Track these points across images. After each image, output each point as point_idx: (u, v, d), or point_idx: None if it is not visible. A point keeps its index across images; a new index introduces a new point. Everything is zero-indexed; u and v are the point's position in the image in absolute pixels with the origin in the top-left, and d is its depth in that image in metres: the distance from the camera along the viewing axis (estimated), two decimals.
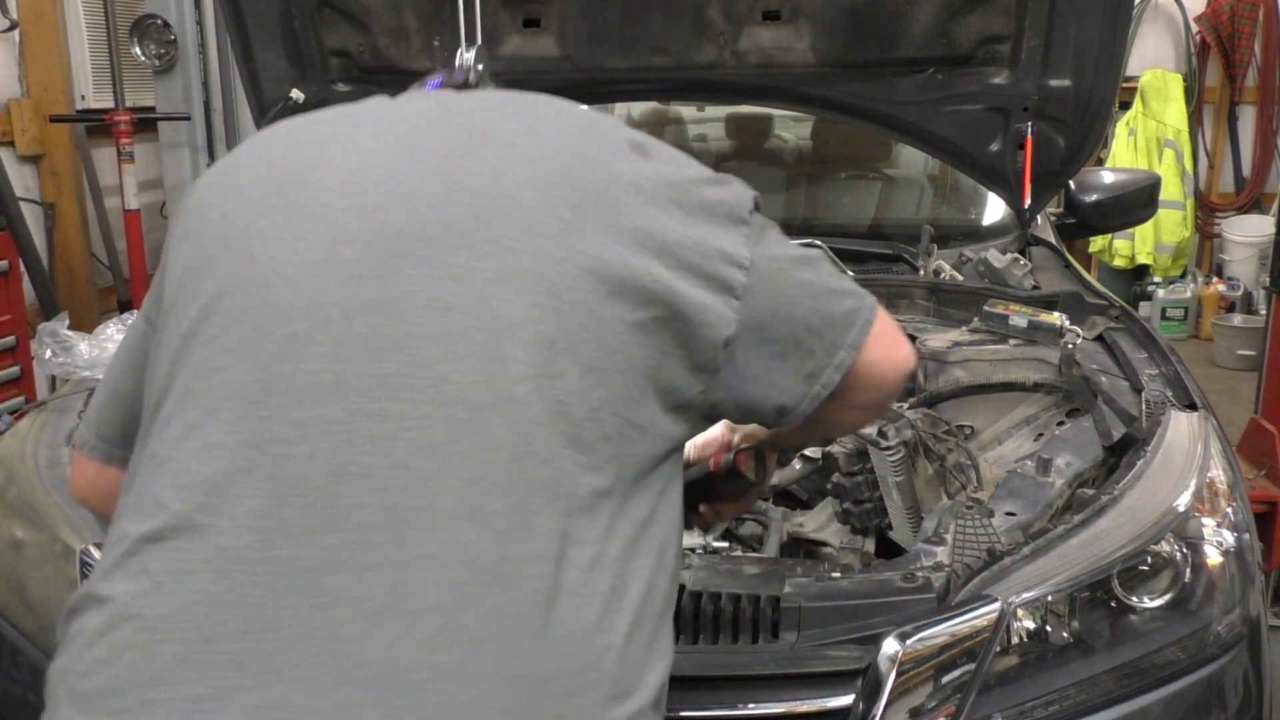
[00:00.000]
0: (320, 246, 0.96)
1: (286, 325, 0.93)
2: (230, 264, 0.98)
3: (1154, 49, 6.86)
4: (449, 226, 0.95)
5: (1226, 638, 1.53)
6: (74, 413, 2.03)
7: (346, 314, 0.92)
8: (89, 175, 5.13)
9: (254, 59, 2.68)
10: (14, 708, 1.69)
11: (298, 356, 0.92)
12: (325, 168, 1.01)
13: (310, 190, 1.00)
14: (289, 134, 1.10)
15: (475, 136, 1.02)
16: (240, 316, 0.95)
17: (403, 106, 1.11)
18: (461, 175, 0.98)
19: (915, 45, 2.47)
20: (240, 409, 0.91)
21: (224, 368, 0.93)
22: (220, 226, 1.01)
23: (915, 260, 2.66)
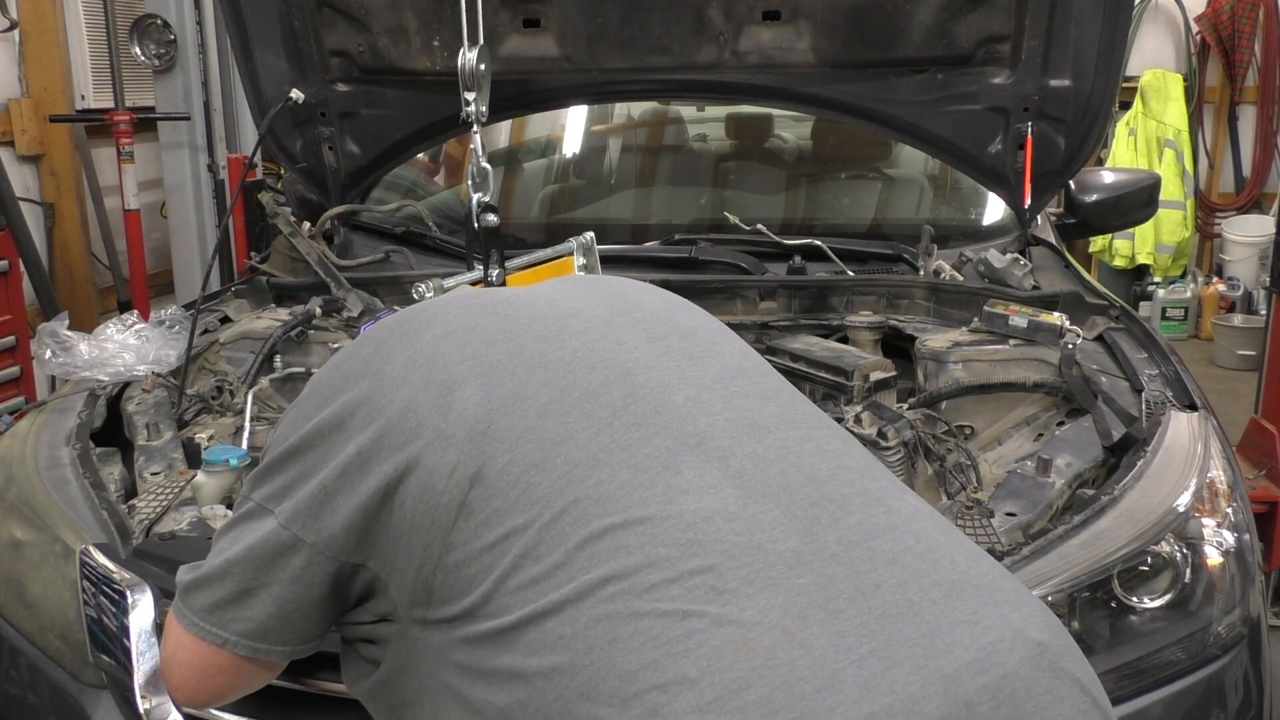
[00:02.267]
0: (644, 343, 1.17)
1: (681, 392, 1.10)
2: (570, 376, 1.09)
3: (1154, 49, 6.86)
4: (709, 331, 1.26)
5: (1226, 638, 1.54)
6: (74, 413, 2.03)
7: (717, 379, 1.15)
8: (89, 175, 5.13)
9: (254, 59, 2.68)
10: (14, 708, 1.69)
11: (712, 411, 1.09)
12: (576, 305, 1.22)
13: (585, 319, 1.18)
14: (485, 298, 1.24)
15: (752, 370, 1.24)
16: (627, 400, 1.08)
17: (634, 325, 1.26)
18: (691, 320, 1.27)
19: (915, 45, 2.47)
20: (693, 458, 1.04)
21: (647, 437, 1.05)
22: (520, 359, 1.11)
23: (915, 260, 2.66)
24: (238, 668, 1.15)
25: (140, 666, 1.51)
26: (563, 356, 1.11)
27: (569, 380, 1.08)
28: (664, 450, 1.04)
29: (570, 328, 1.16)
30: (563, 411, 1.06)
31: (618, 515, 0.99)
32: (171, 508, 1.72)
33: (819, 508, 1.02)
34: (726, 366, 1.17)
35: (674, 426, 1.06)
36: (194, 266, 5.09)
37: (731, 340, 1.25)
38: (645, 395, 1.08)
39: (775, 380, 1.21)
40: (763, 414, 1.11)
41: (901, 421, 1.78)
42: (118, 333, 2.24)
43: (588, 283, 1.33)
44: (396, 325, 1.19)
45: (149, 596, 1.53)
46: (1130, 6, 2.40)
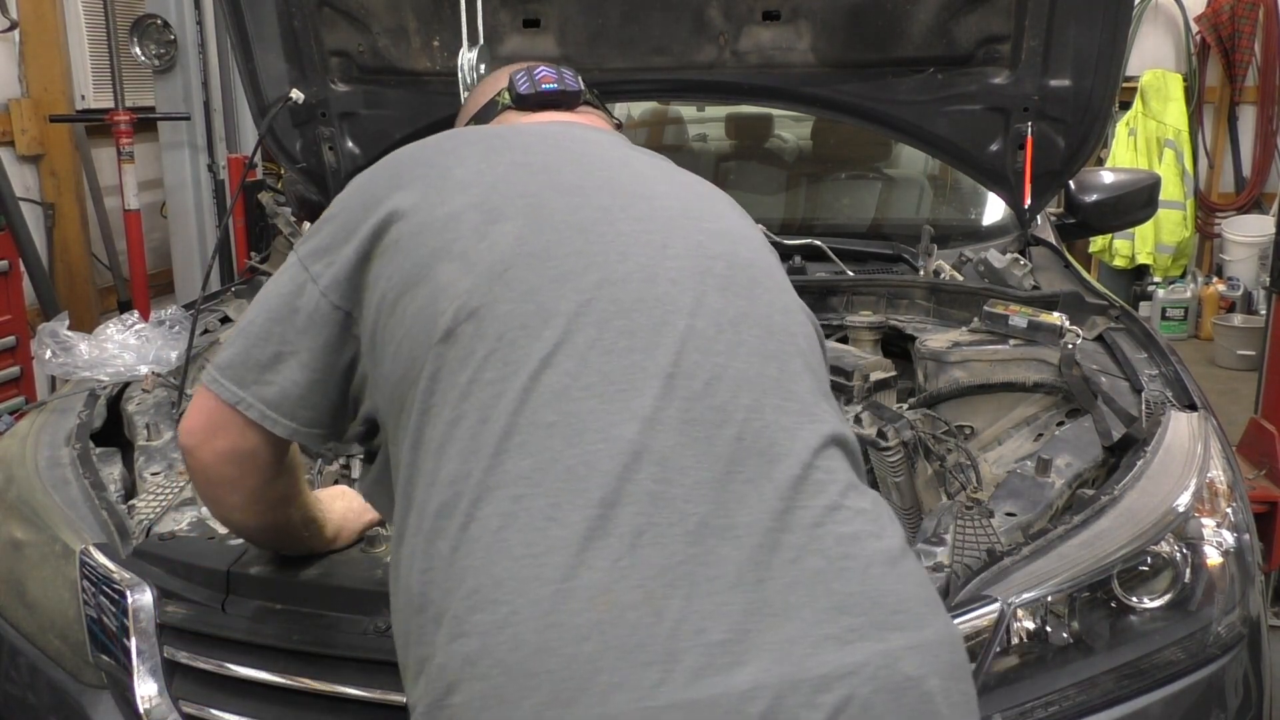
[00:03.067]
0: (689, 256, 1.13)
1: (684, 320, 1.07)
2: (601, 258, 1.09)
3: (1154, 49, 6.86)
4: (773, 270, 1.22)
5: (1226, 638, 1.54)
6: (74, 413, 2.03)
7: (732, 321, 1.10)
8: (89, 175, 5.12)
9: (254, 59, 2.68)
10: (14, 708, 1.69)
11: (705, 349, 1.06)
12: (653, 191, 1.20)
13: (654, 206, 1.17)
14: (573, 145, 1.25)
15: (714, 199, 1.28)
16: (635, 306, 1.07)
17: (632, 149, 1.32)
18: (752, 231, 1.27)
19: (915, 45, 2.47)
20: (661, 389, 1.02)
21: (633, 349, 1.04)
22: (567, 215, 1.12)
23: (915, 260, 2.66)
24: (241, 431, 1.18)
25: (140, 666, 1.51)
26: (606, 234, 1.11)
27: (597, 260, 1.09)
28: (641, 369, 1.03)
29: (633, 211, 1.15)
30: (575, 288, 1.06)
31: (563, 416, 1.00)
32: (171, 508, 1.72)
33: (752, 484, 1.00)
34: (751, 313, 1.12)
35: (661, 349, 1.04)
36: (194, 266, 5.09)
37: (780, 294, 1.20)
38: (653, 307, 1.07)
39: (790, 348, 1.14)
40: (757, 373, 1.08)
41: (901, 421, 1.78)
42: (118, 333, 2.24)
43: (680, 173, 1.30)
44: (486, 136, 1.24)
45: (149, 596, 1.53)
46: (1130, 6, 2.40)
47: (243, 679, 1.46)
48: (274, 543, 1.47)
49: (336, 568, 1.49)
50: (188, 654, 1.50)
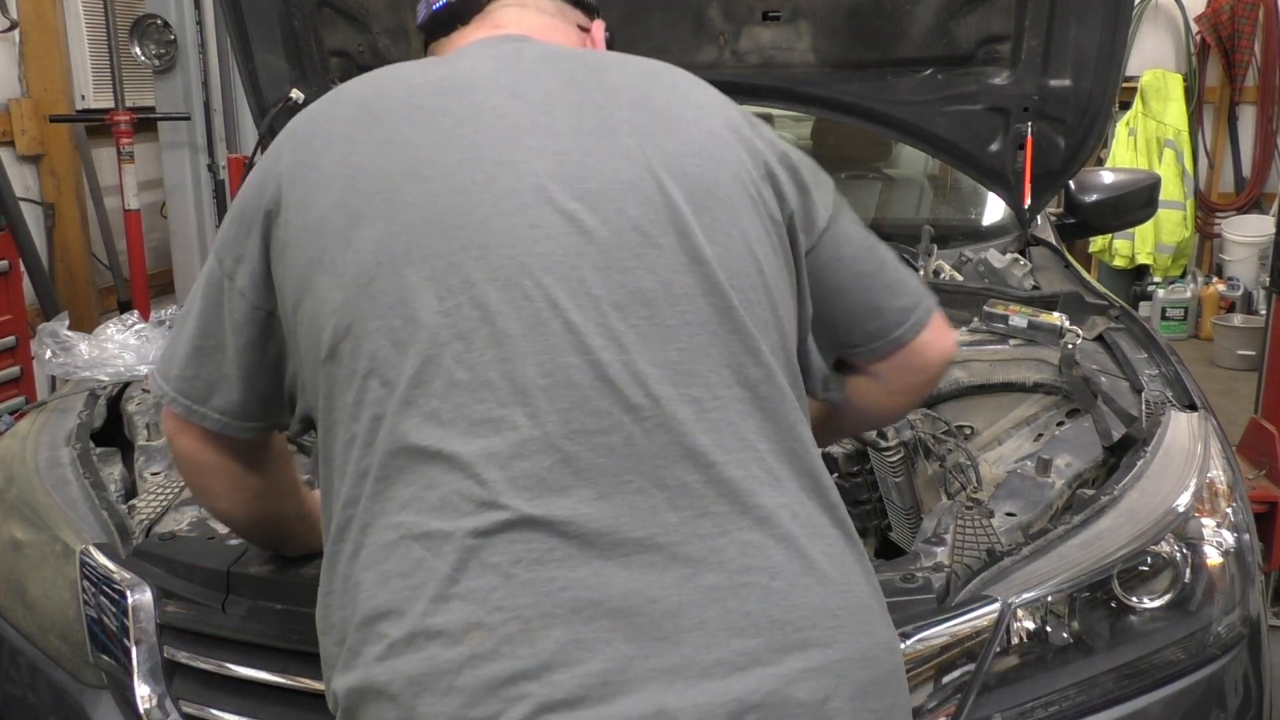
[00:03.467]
0: (562, 235, 1.01)
1: (560, 317, 0.98)
2: (462, 254, 1.00)
3: (1154, 49, 6.85)
4: (676, 213, 1.03)
5: (1226, 638, 1.53)
6: (74, 413, 2.03)
7: (616, 306, 0.99)
8: (89, 175, 5.12)
9: (254, 59, 2.68)
10: (14, 708, 1.69)
11: (582, 349, 0.97)
12: (522, 149, 1.05)
13: (521, 175, 1.03)
14: (441, 103, 1.09)
15: (652, 114, 1.10)
16: (501, 309, 0.98)
17: (545, 69, 1.14)
18: (666, 159, 1.06)
19: (915, 45, 2.47)
20: (535, 403, 0.96)
21: (503, 359, 0.97)
22: (424, 208, 1.03)
23: (915, 260, 2.65)
24: (195, 438, 1.19)
25: (140, 666, 1.51)
26: (466, 224, 1.01)
27: (457, 259, 1.00)
28: (510, 383, 0.96)
29: (496, 186, 1.03)
30: (436, 296, 0.99)
31: (434, 441, 0.96)
32: (171, 508, 1.72)
33: (644, 494, 0.94)
34: (640, 289, 1.00)
35: (534, 356, 0.97)
36: (194, 266, 5.08)
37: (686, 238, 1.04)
38: (522, 307, 0.98)
39: (700, 314, 1.01)
40: (648, 361, 0.98)
41: (901, 421, 1.78)
42: (118, 333, 2.24)
43: (576, 89, 1.11)
44: (354, 105, 1.13)
45: (149, 596, 1.53)
46: (1130, 6, 2.40)
47: (243, 679, 1.46)
48: (267, 537, 1.45)
49: None
50: (188, 654, 1.50)
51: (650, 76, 1.16)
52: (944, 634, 1.38)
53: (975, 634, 1.40)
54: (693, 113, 1.12)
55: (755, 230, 1.08)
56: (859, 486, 1.79)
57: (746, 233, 1.07)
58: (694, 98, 1.15)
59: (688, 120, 1.11)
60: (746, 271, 1.05)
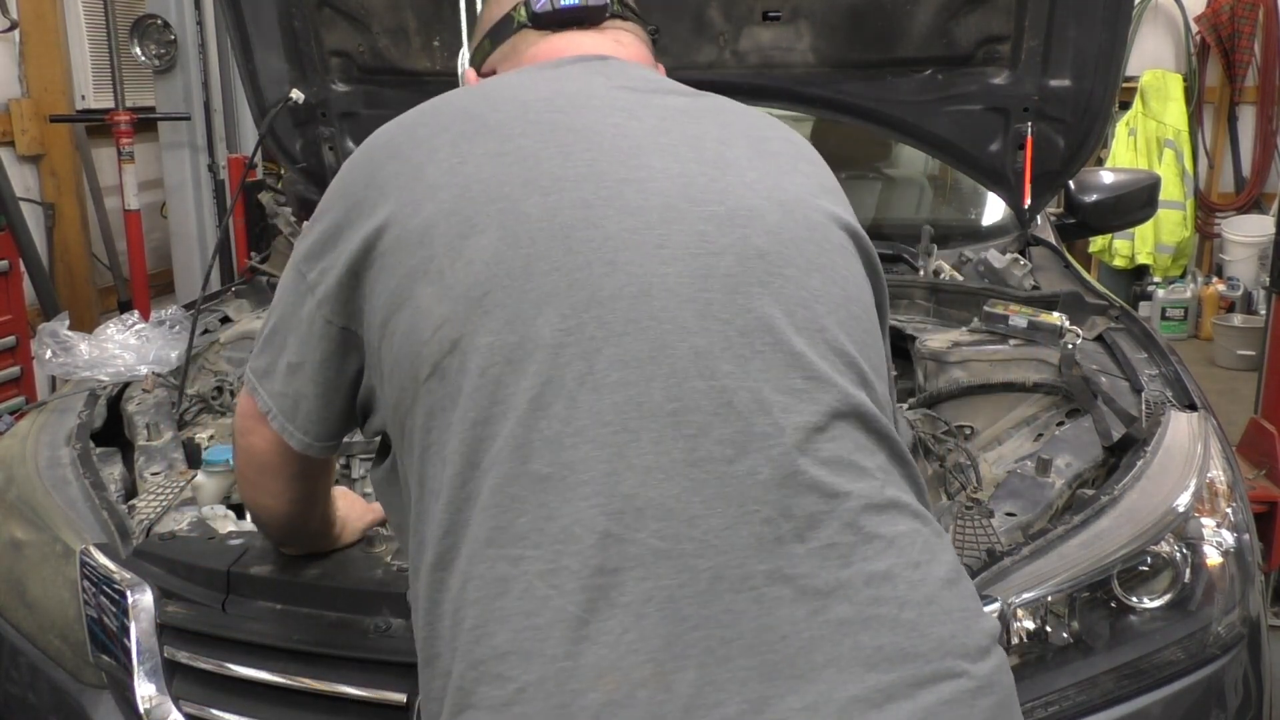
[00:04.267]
0: (689, 257, 0.98)
1: (686, 340, 0.95)
2: (586, 271, 0.96)
3: (1154, 49, 6.86)
4: (799, 249, 1.03)
5: (1226, 638, 1.54)
6: (74, 413, 2.03)
7: (742, 332, 0.96)
8: (89, 175, 5.12)
9: (254, 59, 2.68)
10: (14, 708, 1.69)
11: (708, 373, 0.94)
12: (646, 168, 1.03)
13: (646, 193, 1.01)
14: (559, 119, 1.06)
15: (770, 157, 1.11)
16: (628, 330, 0.95)
17: (659, 98, 1.13)
18: (786, 198, 1.06)
19: (915, 45, 2.47)
20: (661, 428, 0.92)
21: (627, 383, 0.93)
22: (546, 223, 0.98)
23: (915, 260, 2.66)
24: (270, 442, 1.17)
25: (140, 666, 1.51)
26: (591, 238, 0.98)
27: (580, 276, 0.96)
28: (636, 407, 0.93)
29: (621, 202, 1.00)
30: (559, 313, 0.95)
31: (556, 468, 0.92)
32: (171, 508, 1.72)
33: (771, 525, 0.92)
34: (766, 315, 0.98)
35: (660, 379, 0.94)
36: (194, 266, 5.09)
37: (809, 275, 1.03)
38: (649, 329, 0.95)
39: (821, 346, 1.00)
40: (773, 387, 0.96)
41: (901, 422, 1.78)
42: (118, 333, 2.24)
43: (695, 121, 1.11)
44: (461, 115, 1.08)
45: (149, 596, 1.53)
46: (1130, 6, 2.40)
47: (243, 679, 1.46)
48: (291, 537, 1.45)
49: (336, 568, 1.49)
50: (188, 654, 1.50)
51: (765, 124, 1.18)
52: None
53: None
54: (806, 165, 1.15)
55: (860, 279, 1.11)
56: None
57: (854, 282, 1.09)
58: (805, 152, 1.18)
59: (802, 171, 1.13)
60: (860, 314, 1.07)
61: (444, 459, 0.96)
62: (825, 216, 1.09)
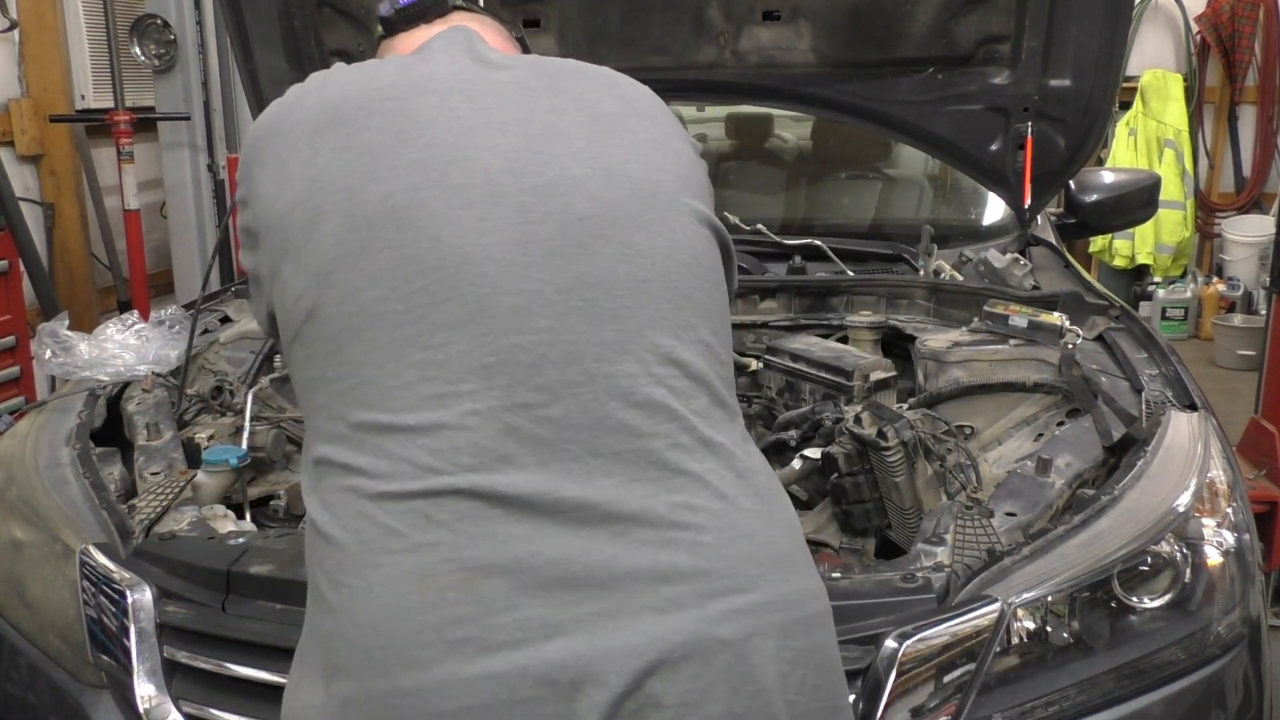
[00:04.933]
0: (509, 226, 1.09)
1: (505, 300, 1.06)
2: (414, 246, 1.08)
3: (1154, 49, 6.86)
4: (622, 209, 1.13)
5: (1227, 638, 1.53)
6: (74, 413, 2.03)
7: (559, 290, 1.07)
8: (89, 175, 5.12)
9: (254, 59, 2.68)
10: (14, 708, 1.69)
11: (525, 328, 1.06)
12: (474, 147, 1.13)
13: (470, 167, 1.12)
14: (400, 106, 1.17)
15: (601, 120, 1.20)
16: (450, 295, 1.07)
17: (498, 74, 1.23)
18: (612, 161, 1.16)
19: (915, 45, 2.47)
20: (479, 380, 1.05)
21: (448, 342, 1.05)
22: (379, 203, 1.11)
23: (915, 260, 2.66)
24: None
25: (140, 666, 1.51)
26: (418, 218, 1.10)
27: (408, 250, 1.08)
28: (457, 363, 1.05)
29: (448, 181, 1.11)
30: (390, 285, 1.08)
31: (389, 415, 1.05)
32: (171, 508, 1.72)
33: (579, 461, 1.03)
34: (585, 275, 1.09)
35: (479, 338, 1.06)
36: (194, 266, 5.09)
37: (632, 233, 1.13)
38: (468, 293, 1.07)
39: (640, 297, 1.11)
40: (587, 341, 1.07)
41: (901, 422, 1.78)
42: (118, 333, 2.24)
43: (528, 94, 1.20)
44: (318, 110, 1.20)
45: (149, 596, 1.53)
46: (1130, 6, 2.40)
47: (243, 679, 1.46)
48: None
49: None
50: (188, 654, 1.50)
51: (600, 86, 1.26)
52: (944, 634, 1.38)
53: (975, 634, 1.39)
54: (638, 122, 1.22)
55: (690, 229, 1.18)
56: (860, 486, 1.79)
57: (683, 231, 1.17)
58: (641, 106, 1.25)
59: (633, 129, 1.21)
60: (683, 264, 1.15)
61: (306, 408, 1.13)
62: (653, 172, 1.18)
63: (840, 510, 1.82)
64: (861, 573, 1.49)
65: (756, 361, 2.32)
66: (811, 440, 2.00)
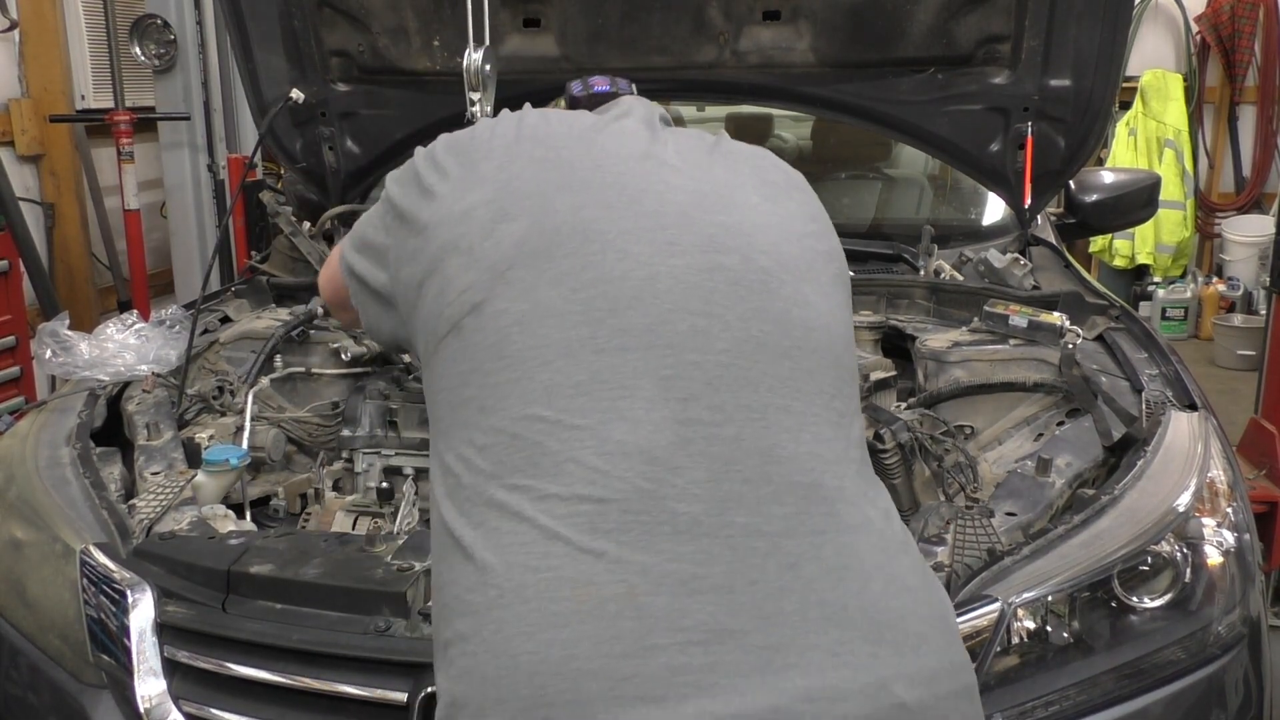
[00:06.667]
0: (698, 253, 1.12)
1: (687, 319, 1.07)
2: (600, 256, 1.10)
3: (1154, 49, 6.86)
4: (797, 261, 1.18)
5: (1227, 638, 1.54)
6: (74, 413, 2.03)
7: (741, 317, 1.09)
8: (89, 175, 5.12)
9: (254, 59, 2.68)
10: (14, 708, 1.69)
11: (704, 348, 1.06)
12: (664, 183, 1.18)
13: (664, 200, 1.16)
14: (601, 141, 1.24)
15: (769, 185, 1.26)
16: (632, 305, 1.07)
17: (679, 137, 1.30)
18: (784, 220, 1.22)
19: (915, 45, 2.47)
20: (655, 389, 1.03)
21: (625, 348, 1.05)
22: (569, 214, 1.13)
23: (915, 260, 2.66)
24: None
25: (140, 666, 1.51)
26: (607, 231, 1.11)
27: (594, 259, 1.10)
28: (632, 369, 1.04)
29: (640, 206, 1.14)
30: (570, 288, 1.08)
31: (554, 412, 1.02)
32: (171, 508, 1.72)
33: (751, 485, 1.01)
34: (765, 309, 1.11)
35: (658, 349, 1.05)
36: (194, 266, 5.09)
37: (800, 287, 1.16)
38: (651, 305, 1.07)
39: (810, 344, 1.13)
40: (762, 372, 1.07)
41: (898, 424, 1.78)
42: (118, 333, 2.24)
43: (713, 158, 1.27)
44: (520, 125, 1.26)
45: (149, 596, 1.53)
46: (1130, 6, 2.40)
47: (243, 679, 1.46)
48: None
49: (336, 568, 1.49)
50: (188, 654, 1.50)
51: (759, 156, 1.33)
52: None
53: (975, 634, 1.40)
54: (799, 194, 1.30)
55: (842, 300, 1.24)
56: None
57: (839, 300, 1.23)
58: (796, 180, 1.32)
59: (796, 199, 1.28)
60: (839, 335, 1.19)
61: (454, 403, 1.10)
62: (812, 237, 1.24)
63: None
64: None
65: None
66: None
